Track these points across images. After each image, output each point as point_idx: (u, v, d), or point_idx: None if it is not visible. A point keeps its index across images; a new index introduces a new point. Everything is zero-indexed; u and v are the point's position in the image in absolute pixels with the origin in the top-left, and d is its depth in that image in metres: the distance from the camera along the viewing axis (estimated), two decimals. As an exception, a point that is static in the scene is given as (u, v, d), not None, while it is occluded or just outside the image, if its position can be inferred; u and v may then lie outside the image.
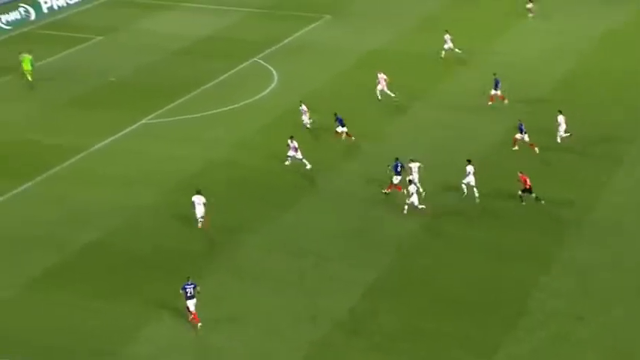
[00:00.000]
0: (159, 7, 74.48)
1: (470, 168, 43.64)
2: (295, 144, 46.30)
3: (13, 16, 70.14)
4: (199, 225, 41.10)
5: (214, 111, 54.24)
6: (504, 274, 37.96)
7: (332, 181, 45.63)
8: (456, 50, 61.46)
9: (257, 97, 56.32)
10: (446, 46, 61.47)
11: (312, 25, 69.78)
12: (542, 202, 42.63)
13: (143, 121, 52.80)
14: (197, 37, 67.38)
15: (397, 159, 44.12)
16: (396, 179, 43.63)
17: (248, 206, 43.34)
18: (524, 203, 42.65)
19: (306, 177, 45.97)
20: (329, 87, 57.66)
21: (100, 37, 67.14)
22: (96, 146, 49.67)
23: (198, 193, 41.27)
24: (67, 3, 74.20)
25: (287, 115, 52.90)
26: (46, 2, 72.76)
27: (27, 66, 57.62)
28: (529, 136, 47.80)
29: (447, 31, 62.02)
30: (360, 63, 61.56)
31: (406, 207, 42.11)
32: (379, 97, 54.60)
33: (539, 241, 40.31)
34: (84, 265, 38.71)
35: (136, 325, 34.90)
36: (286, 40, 66.35)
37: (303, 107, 50.59)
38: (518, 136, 48.01)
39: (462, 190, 43.71)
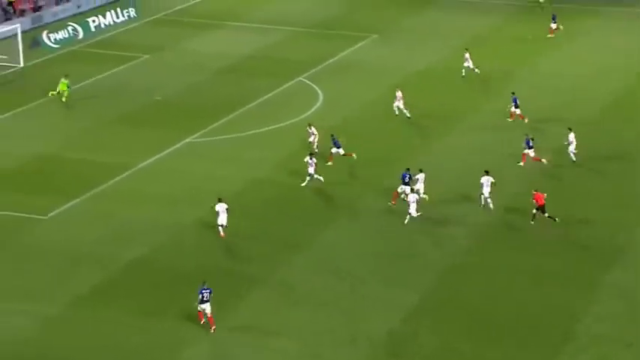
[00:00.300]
0: (204, 26, 75.75)
1: (484, 179, 44.40)
2: (315, 160, 47.24)
3: (62, 34, 71.81)
4: (222, 233, 42.33)
5: (258, 130, 55.14)
6: (548, 297, 38.27)
7: (371, 201, 46.26)
8: (470, 68, 62.00)
9: (302, 116, 57.16)
10: (466, 64, 61.98)
11: (359, 45, 70.60)
12: (556, 219, 43.06)
13: (187, 140, 53.91)
14: (242, 56, 68.45)
15: (408, 169, 45.23)
16: (403, 188, 44.63)
17: (289, 226, 44.14)
18: (532, 222, 43.16)
19: (348, 198, 46.65)
20: (374, 107, 58.33)
21: (147, 56, 68.54)
22: (141, 164, 50.83)
23: (220, 201, 42.66)
24: (114, 22, 75.82)
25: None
26: (94, 21, 74.45)
27: (62, 87, 59.18)
28: (534, 152, 48.80)
29: (466, 50, 62.60)
30: (406, 83, 62.22)
31: (408, 217, 43.21)
32: (396, 113, 55.77)
33: (581, 264, 40.61)
34: (128, 282, 39.69)
35: (179, 343, 35.69)
36: (332, 60, 67.21)
37: (313, 129, 51.17)
38: (529, 152, 48.81)
39: (480, 201, 44.56)
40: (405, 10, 78.98)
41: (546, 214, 43.06)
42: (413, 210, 43.15)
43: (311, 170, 47.17)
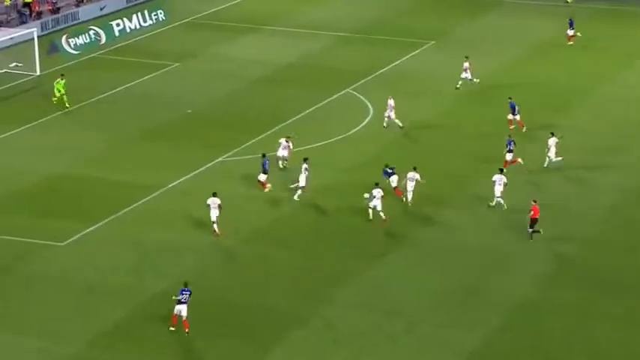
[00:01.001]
0: (240, 31, 76.03)
1: (497, 177, 46.12)
2: (307, 165, 48.35)
3: (82, 39, 72.34)
4: (217, 232, 44.02)
5: (300, 148, 54.95)
6: (630, 344, 37.72)
7: (427, 229, 46.02)
8: (474, 80, 62.05)
9: (349, 132, 57.04)
10: (463, 75, 61.69)
11: (414, 52, 70.48)
12: (536, 237, 44.15)
13: (220, 159, 53.98)
14: (281, 64, 68.59)
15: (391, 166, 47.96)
16: (394, 182, 47.46)
17: (335, 256, 43.95)
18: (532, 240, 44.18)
19: (399, 225, 46.39)
20: (433, 123, 58.01)
21: (177, 64, 68.89)
22: (169, 185, 50.93)
23: (214, 195, 44.59)
24: (140, 25, 76.26)
25: (383, 154, 53.42)
26: (118, 25, 74.95)
27: (60, 90, 59.70)
28: (512, 155, 50.33)
29: (466, 58, 62.20)
30: (464, 94, 61.90)
31: (370, 211, 45.78)
32: (385, 125, 56.42)
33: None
34: (154, 318, 39.50)
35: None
36: (383, 69, 67.12)
37: (290, 143, 51.27)
38: (507, 156, 50.26)
39: (500, 204, 46.21)
40: (463, 14, 78.76)
41: (531, 230, 43.98)
42: (378, 204, 45.12)
43: (302, 179, 47.95)
